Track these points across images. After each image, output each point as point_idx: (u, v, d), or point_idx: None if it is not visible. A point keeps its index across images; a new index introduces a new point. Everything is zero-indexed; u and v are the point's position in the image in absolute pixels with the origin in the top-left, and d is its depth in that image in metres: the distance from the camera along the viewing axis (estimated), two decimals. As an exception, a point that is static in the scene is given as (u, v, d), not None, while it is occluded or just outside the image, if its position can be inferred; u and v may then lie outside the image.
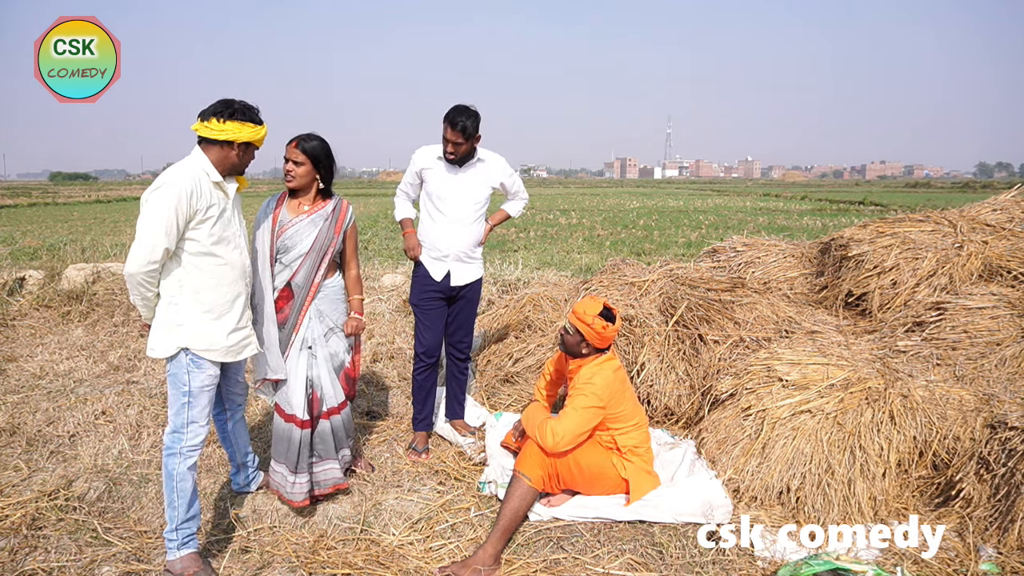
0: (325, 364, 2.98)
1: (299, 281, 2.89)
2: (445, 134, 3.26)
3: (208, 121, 2.45)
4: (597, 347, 2.94)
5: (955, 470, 2.92)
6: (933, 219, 4.46)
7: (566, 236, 14.18)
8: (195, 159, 2.48)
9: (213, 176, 2.48)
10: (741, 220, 18.76)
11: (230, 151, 2.49)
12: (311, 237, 2.88)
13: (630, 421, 2.95)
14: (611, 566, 2.58)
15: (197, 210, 2.41)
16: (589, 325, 2.87)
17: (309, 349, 2.93)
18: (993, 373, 3.34)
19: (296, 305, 2.91)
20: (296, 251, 2.87)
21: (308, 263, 2.89)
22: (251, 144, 2.55)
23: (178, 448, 2.47)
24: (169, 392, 2.49)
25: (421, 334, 3.52)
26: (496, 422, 3.75)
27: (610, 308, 2.93)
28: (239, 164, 2.55)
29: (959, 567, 2.54)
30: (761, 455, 3.06)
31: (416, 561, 2.60)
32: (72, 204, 29.72)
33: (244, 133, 2.47)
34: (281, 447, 2.94)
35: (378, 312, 6.64)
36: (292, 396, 2.90)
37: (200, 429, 2.51)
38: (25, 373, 4.84)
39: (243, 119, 2.46)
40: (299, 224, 2.88)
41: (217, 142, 2.47)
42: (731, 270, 4.80)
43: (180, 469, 2.46)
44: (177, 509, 2.46)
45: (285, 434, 2.92)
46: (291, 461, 2.91)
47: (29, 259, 9.06)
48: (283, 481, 2.93)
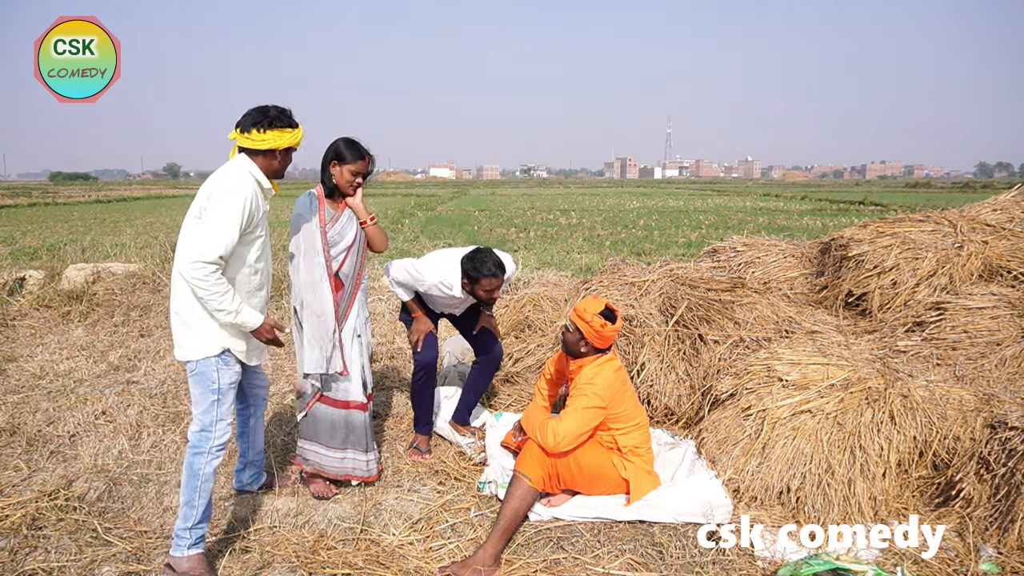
0: (367, 351, 3.14)
1: (346, 271, 3.03)
2: (485, 287, 3.21)
3: (249, 133, 2.49)
4: (597, 347, 2.94)
5: (955, 470, 2.92)
6: (933, 219, 4.45)
7: (566, 236, 14.18)
8: (247, 165, 2.52)
9: (264, 183, 2.56)
10: (741, 220, 18.76)
11: (273, 159, 2.56)
12: (354, 230, 3.03)
13: (631, 421, 2.95)
14: (611, 566, 2.58)
15: (254, 216, 2.46)
16: (588, 323, 2.88)
17: (359, 337, 3.07)
18: (993, 373, 3.34)
19: (347, 294, 3.05)
20: (343, 244, 3.01)
21: (353, 253, 3.04)
22: (291, 148, 2.60)
23: (206, 447, 2.48)
24: (195, 391, 2.50)
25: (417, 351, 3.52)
26: (496, 422, 3.75)
27: (612, 308, 2.93)
28: (280, 169, 2.62)
29: (959, 567, 2.54)
30: (761, 455, 3.06)
31: (416, 561, 2.60)
32: (72, 204, 29.73)
33: (285, 139, 2.53)
34: (340, 433, 3.08)
35: (378, 312, 6.64)
36: (350, 383, 3.04)
37: (227, 427, 2.54)
38: (25, 373, 4.84)
39: (282, 126, 2.52)
40: (342, 219, 3.02)
41: (260, 151, 2.51)
42: (731, 270, 4.80)
43: (207, 470, 2.48)
44: (195, 508, 2.46)
45: (342, 420, 3.07)
46: (361, 442, 3.09)
47: (29, 259, 9.07)
48: (355, 463, 3.10)
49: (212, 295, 2.35)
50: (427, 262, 3.39)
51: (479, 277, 3.18)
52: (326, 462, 3.09)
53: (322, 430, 3.08)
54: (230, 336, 2.50)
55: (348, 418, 3.07)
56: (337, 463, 3.09)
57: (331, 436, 3.08)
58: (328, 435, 3.08)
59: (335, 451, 3.08)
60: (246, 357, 2.59)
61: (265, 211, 2.60)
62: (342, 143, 2.93)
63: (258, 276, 2.59)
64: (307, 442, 3.11)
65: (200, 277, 2.32)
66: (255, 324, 2.49)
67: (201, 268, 2.31)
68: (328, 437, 3.08)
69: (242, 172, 2.49)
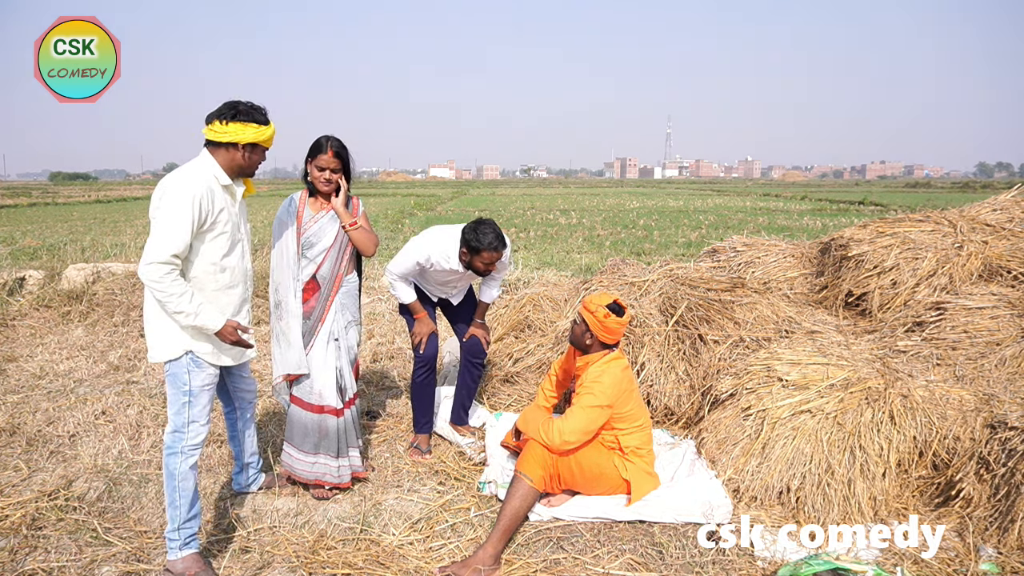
0: (346, 356, 3.10)
1: (324, 273, 3.00)
2: (484, 260, 3.21)
3: (212, 123, 2.46)
4: (603, 341, 2.95)
5: (955, 470, 2.92)
6: (933, 219, 4.45)
7: (566, 236, 14.18)
8: (203, 162, 2.49)
9: (222, 179, 2.50)
10: (741, 220, 18.76)
11: (236, 153, 2.50)
12: (334, 231, 3.00)
13: (635, 422, 2.95)
14: (611, 566, 2.58)
15: (209, 213, 2.42)
16: (592, 313, 2.90)
17: (336, 341, 3.04)
18: (993, 373, 3.34)
19: (323, 296, 3.02)
20: (321, 245, 2.99)
21: (332, 256, 3.01)
22: (257, 145, 2.54)
23: (179, 447, 2.47)
24: (169, 392, 2.49)
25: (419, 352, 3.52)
26: (496, 422, 3.75)
27: (620, 304, 2.94)
28: (246, 165, 2.56)
29: (959, 567, 2.54)
30: (761, 455, 3.06)
31: (416, 561, 2.60)
32: (72, 204, 29.74)
33: (248, 134, 2.47)
34: (312, 438, 3.04)
35: (378, 312, 6.64)
36: (324, 387, 3.01)
37: (201, 428, 2.51)
38: (25, 373, 4.84)
39: (246, 120, 2.47)
40: (322, 220, 2.99)
41: (223, 144, 2.48)
42: (731, 270, 4.80)
43: (182, 468, 2.46)
44: (179, 509, 2.46)
45: (315, 425, 3.03)
46: (332, 448, 3.05)
47: (29, 259, 9.07)
48: (325, 469, 3.06)
49: (169, 296, 2.31)
50: (426, 235, 3.40)
51: (480, 248, 3.17)
52: (297, 465, 3.07)
53: (296, 433, 3.06)
54: (192, 339, 2.45)
55: (322, 423, 3.04)
56: (308, 467, 3.06)
57: (303, 439, 3.05)
58: (300, 438, 3.05)
59: (307, 455, 3.05)
60: (215, 359, 2.54)
61: (229, 208, 2.52)
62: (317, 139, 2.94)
63: (227, 274, 2.54)
64: (285, 443, 3.12)
65: (155, 278, 2.29)
66: (216, 326, 2.42)
67: (155, 269, 2.28)
68: (300, 440, 3.06)
69: (195, 170, 2.44)
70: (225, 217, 2.49)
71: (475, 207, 26.19)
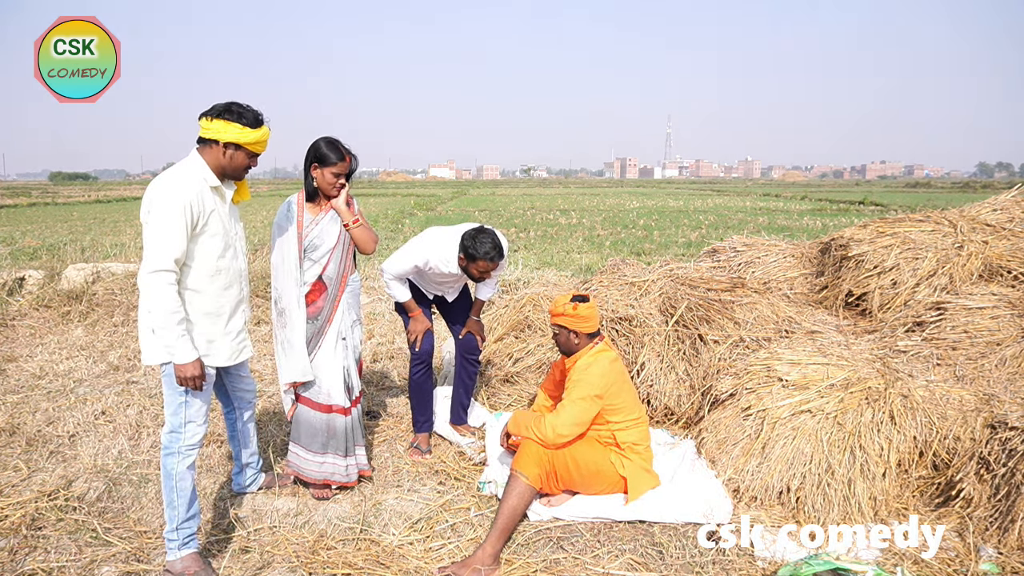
0: (352, 354, 3.12)
1: (330, 273, 3.02)
2: (480, 268, 3.22)
3: (201, 119, 2.47)
4: (586, 332, 2.97)
5: (955, 470, 2.92)
6: (933, 219, 4.45)
7: (566, 236, 14.18)
8: (192, 163, 2.48)
9: (211, 181, 2.48)
10: (741, 220, 18.76)
11: (219, 152, 2.47)
12: (335, 232, 3.01)
13: (630, 416, 2.96)
14: (611, 566, 2.58)
15: (200, 215, 2.41)
16: (563, 315, 2.94)
17: (343, 340, 3.06)
18: (993, 373, 3.34)
19: (330, 297, 3.03)
20: (324, 247, 2.99)
21: (336, 256, 3.02)
22: (240, 147, 2.49)
23: (176, 448, 2.47)
24: (165, 392, 2.49)
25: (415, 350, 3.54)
26: (496, 422, 3.74)
27: (580, 294, 3.00)
28: (227, 166, 2.50)
29: (959, 567, 2.54)
30: (761, 455, 3.06)
31: (416, 561, 2.60)
32: (72, 204, 29.73)
33: (229, 133, 2.43)
34: (320, 438, 3.06)
35: (378, 312, 6.64)
36: (332, 386, 3.03)
37: (198, 428, 2.51)
38: (25, 373, 4.84)
39: (230, 119, 2.44)
40: (322, 222, 2.99)
41: (207, 141, 2.47)
42: (731, 270, 4.80)
43: (179, 468, 2.46)
44: (177, 509, 2.46)
45: (323, 424, 3.05)
46: (340, 447, 3.07)
47: (29, 259, 9.06)
48: (334, 468, 3.08)
49: (162, 311, 2.29)
50: (425, 238, 3.39)
51: (476, 257, 3.19)
52: (305, 465, 3.07)
53: (303, 433, 3.07)
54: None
55: (330, 422, 3.05)
56: (316, 467, 3.07)
57: (311, 439, 3.06)
58: (308, 438, 3.06)
59: (315, 455, 3.06)
60: (218, 361, 2.55)
61: (219, 209, 2.51)
62: (322, 144, 2.90)
63: (222, 275, 2.53)
64: (292, 444, 3.12)
65: (158, 288, 2.28)
66: (184, 359, 2.35)
67: (160, 278, 2.28)
68: (308, 440, 3.06)
69: (184, 173, 2.42)
70: (216, 219, 2.48)
71: (475, 207, 26.19)
